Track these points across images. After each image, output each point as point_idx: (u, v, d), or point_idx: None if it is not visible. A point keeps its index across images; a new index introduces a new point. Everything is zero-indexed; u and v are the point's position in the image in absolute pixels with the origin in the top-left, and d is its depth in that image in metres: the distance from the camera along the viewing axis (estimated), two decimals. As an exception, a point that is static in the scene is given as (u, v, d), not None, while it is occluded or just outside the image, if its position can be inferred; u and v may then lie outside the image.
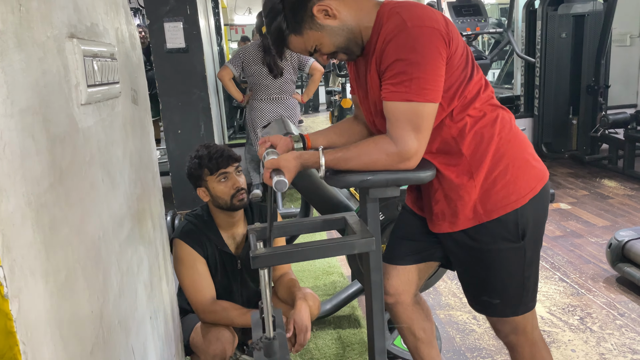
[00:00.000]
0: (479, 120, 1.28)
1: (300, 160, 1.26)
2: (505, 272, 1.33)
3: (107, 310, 1.01)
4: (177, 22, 3.74)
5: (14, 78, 0.71)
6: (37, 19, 0.81)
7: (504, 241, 1.30)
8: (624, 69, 5.59)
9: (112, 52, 1.19)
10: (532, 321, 1.41)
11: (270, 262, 1.27)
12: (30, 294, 0.70)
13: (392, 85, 1.19)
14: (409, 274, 1.49)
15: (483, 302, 1.39)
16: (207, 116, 4.01)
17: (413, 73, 1.16)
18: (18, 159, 0.70)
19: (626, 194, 4.16)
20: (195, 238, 1.85)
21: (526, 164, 1.30)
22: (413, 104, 1.18)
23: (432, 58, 1.17)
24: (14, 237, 0.67)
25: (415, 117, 1.19)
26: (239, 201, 1.84)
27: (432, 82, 1.18)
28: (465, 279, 1.43)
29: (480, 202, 1.28)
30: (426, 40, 1.16)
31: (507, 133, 1.30)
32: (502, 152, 1.28)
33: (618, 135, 4.78)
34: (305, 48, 1.30)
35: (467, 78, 1.26)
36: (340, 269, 3.05)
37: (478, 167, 1.27)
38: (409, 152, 1.20)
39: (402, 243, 1.50)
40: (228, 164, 1.84)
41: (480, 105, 1.28)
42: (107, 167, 1.10)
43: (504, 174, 1.28)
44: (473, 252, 1.34)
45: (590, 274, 2.82)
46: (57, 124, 0.85)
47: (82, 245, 0.91)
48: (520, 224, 1.29)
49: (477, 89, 1.28)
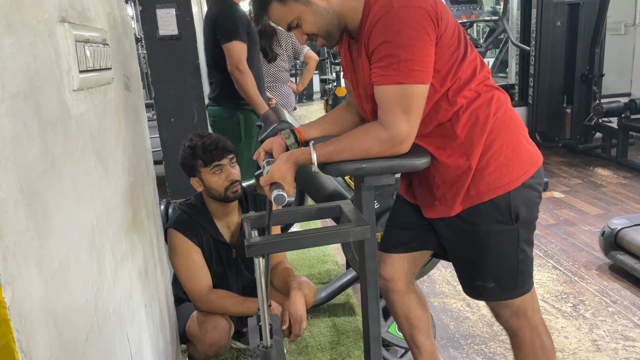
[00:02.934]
0: (473, 100, 1.26)
1: (292, 160, 1.24)
2: (499, 254, 1.33)
3: (102, 298, 1.01)
4: (169, 9, 3.68)
5: (4, 63, 0.69)
6: (27, 3, 0.79)
7: (497, 223, 1.29)
8: (618, 58, 5.59)
9: (104, 37, 1.17)
10: (532, 304, 1.41)
11: (265, 251, 1.27)
12: (24, 281, 0.69)
13: (381, 69, 1.18)
14: (403, 262, 1.49)
15: (477, 288, 1.38)
16: (201, 104, 3.97)
17: (401, 55, 1.14)
18: (9, 145, 0.69)
19: (619, 182, 4.18)
20: (189, 228, 1.84)
21: (520, 146, 1.29)
22: (403, 86, 1.16)
23: (420, 39, 1.15)
24: (7, 224, 0.66)
25: (406, 99, 1.17)
26: (233, 193, 1.83)
27: (421, 63, 1.16)
28: (459, 264, 1.43)
29: (473, 184, 1.27)
30: (413, 20, 1.14)
31: (503, 114, 1.29)
32: (496, 133, 1.27)
33: (612, 124, 4.80)
34: (285, 20, 1.26)
35: (460, 58, 1.24)
36: (335, 257, 3.05)
37: (474, 149, 1.26)
38: (401, 135, 1.19)
39: (396, 232, 1.50)
40: (222, 156, 1.83)
41: (475, 86, 1.27)
42: (100, 155, 1.09)
43: (498, 156, 1.27)
44: (466, 235, 1.34)
45: (583, 262, 2.84)
46: (49, 110, 0.84)
47: (75, 232, 0.91)
48: (513, 206, 1.28)
49: (472, 69, 1.26)
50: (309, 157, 1.23)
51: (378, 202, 2.01)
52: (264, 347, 1.28)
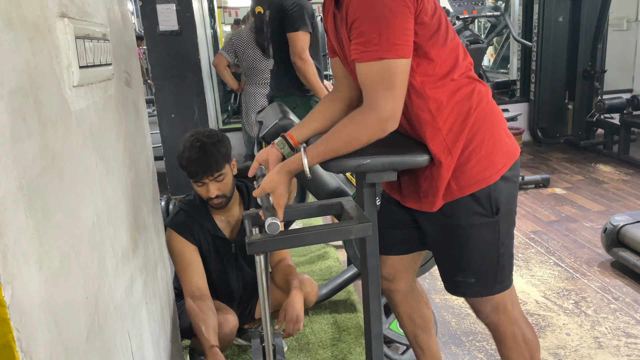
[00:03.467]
0: (455, 93, 1.24)
1: (285, 170, 1.23)
2: (480, 248, 1.31)
3: (103, 296, 1.00)
4: (170, 4, 3.68)
5: (4, 59, 0.69)
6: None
7: (477, 216, 1.28)
8: (620, 54, 5.57)
9: (105, 32, 1.16)
10: (511, 298, 1.40)
11: (266, 248, 1.27)
12: (24, 280, 0.68)
13: (361, 45, 1.15)
14: (402, 261, 1.48)
15: (458, 283, 1.37)
16: (202, 100, 3.97)
17: (381, 29, 1.11)
18: (9, 142, 0.68)
19: (621, 178, 4.17)
20: (185, 226, 1.84)
21: (500, 139, 1.28)
22: (385, 61, 1.13)
23: (400, 12, 1.12)
24: (6, 222, 0.65)
25: (389, 75, 1.14)
26: (214, 205, 1.83)
27: (402, 36, 1.13)
28: (441, 259, 1.41)
29: (454, 178, 1.26)
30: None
31: (484, 107, 1.27)
32: (477, 126, 1.25)
33: (614, 120, 4.78)
34: None
35: (442, 42, 1.21)
36: (336, 253, 3.05)
37: (455, 142, 1.24)
38: (385, 113, 1.16)
39: (388, 232, 1.48)
40: (200, 179, 1.78)
41: (457, 76, 1.24)
42: (100, 151, 1.08)
43: (479, 149, 1.25)
44: (448, 229, 1.32)
45: (585, 259, 2.84)
46: (49, 106, 0.83)
47: (76, 230, 0.90)
48: (493, 199, 1.26)
49: (453, 57, 1.24)
50: (301, 163, 1.21)
51: (379, 199, 2.00)
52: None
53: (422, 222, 1.39)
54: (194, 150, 1.77)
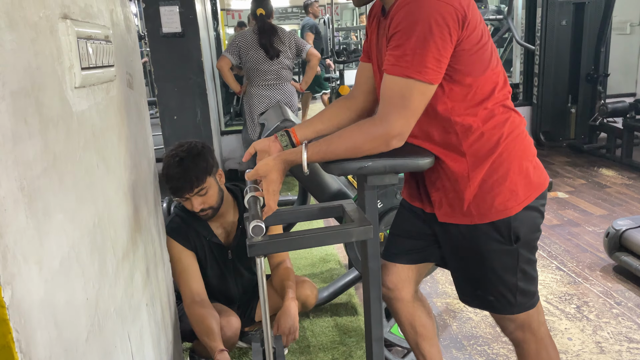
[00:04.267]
0: (487, 121, 1.22)
1: (282, 157, 1.22)
2: (497, 272, 1.30)
3: (103, 297, 1.00)
4: (173, 6, 3.68)
5: (6, 59, 0.69)
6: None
7: (496, 243, 1.27)
8: (623, 58, 5.56)
9: (107, 34, 1.16)
10: (537, 317, 1.38)
11: (266, 250, 1.26)
12: (24, 280, 0.68)
13: (394, 58, 1.14)
14: (408, 271, 1.47)
15: (479, 297, 1.36)
16: (204, 102, 3.97)
17: (417, 47, 1.10)
18: (10, 142, 0.68)
19: (624, 183, 4.16)
20: (181, 232, 1.84)
21: (526, 172, 1.26)
22: (411, 81, 1.12)
23: (441, 36, 1.10)
24: (6, 222, 0.65)
25: (410, 94, 1.13)
26: (202, 217, 1.83)
27: (435, 61, 1.11)
28: (458, 274, 1.40)
29: (475, 205, 1.24)
30: (439, 15, 1.09)
31: (514, 138, 1.25)
32: (504, 156, 1.23)
33: (617, 124, 4.77)
34: None
35: (481, 70, 1.20)
36: (337, 256, 3.04)
37: (476, 168, 1.23)
38: (394, 130, 1.15)
39: (400, 240, 1.47)
40: (181, 196, 1.78)
41: (492, 105, 1.22)
42: (102, 153, 1.08)
43: (503, 180, 1.23)
44: (465, 250, 1.32)
45: (588, 263, 2.83)
46: (50, 107, 0.83)
47: (76, 231, 0.90)
48: (513, 227, 1.25)
49: (491, 86, 1.22)
50: (300, 156, 1.20)
51: (381, 202, 2.00)
52: None
53: (440, 237, 1.38)
54: (172, 167, 1.74)
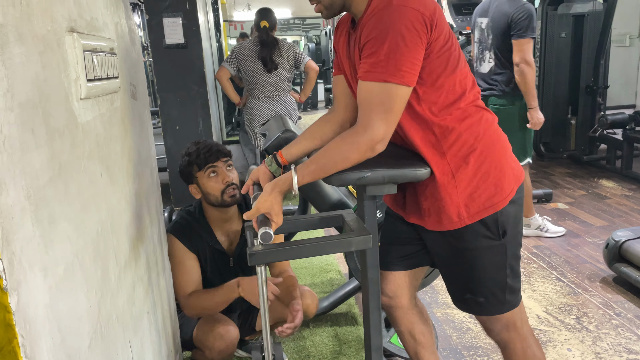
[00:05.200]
0: (462, 120, 1.26)
1: (277, 190, 1.24)
2: (488, 270, 1.33)
3: (105, 305, 1.02)
4: (176, 18, 3.73)
5: (15, 72, 0.71)
6: (37, 13, 0.81)
7: (485, 239, 1.30)
8: (623, 70, 5.60)
9: (112, 46, 1.19)
10: (521, 315, 1.42)
11: (267, 259, 1.28)
12: (29, 287, 0.70)
13: (368, 65, 1.17)
14: (403, 278, 1.49)
15: (467, 301, 1.39)
16: (206, 112, 4.00)
17: (390, 52, 1.14)
18: (18, 152, 0.70)
19: (624, 194, 4.17)
20: (185, 233, 1.85)
21: (507, 166, 1.31)
22: (387, 85, 1.16)
23: (411, 40, 1.14)
24: (13, 230, 0.67)
25: (388, 99, 1.17)
26: (230, 197, 1.83)
27: (409, 64, 1.15)
28: (449, 278, 1.43)
29: (465, 207, 1.28)
30: (407, 20, 1.14)
31: (490, 136, 1.30)
32: (484, 155, 1.27)
33: (616, 135, 4.79)
34: None
35: (450, 71, 1.24)
36: (337, 266, 3.05)
37: (458, 167, 1.26)
38: (378, 135, 1.18)
39: (391, 248, 1.50)
40: (217, 158, 1.83)
41: (465, 105, 1.27)
42: (105, 162, 1.10)
43: (486, 177, 1.27)
44: (455, 250, 1.34)
45: (587, 274, 2.83)
46: (57, 118, 0.85)
47: (80, 239, 0.92)
48: (500, 222, 1.29)
49: (462, 87, 1.26)
50: (291, 182, 1.23)
51: (381, 212, 2.01)
52: None
53: (428, 241, 1.41)
54: (199, 143, 1.86)
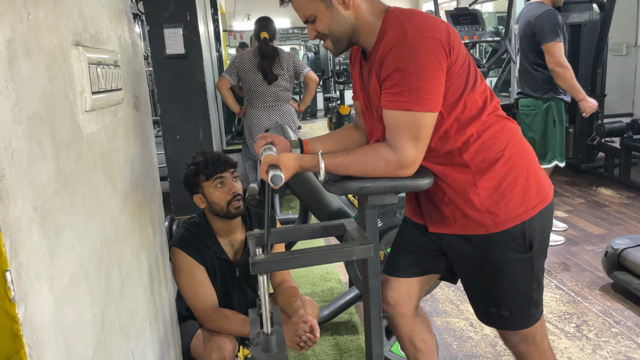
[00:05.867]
0: (484, 131, 1.28)
1: (300, 162, 1.27)
2: (514, 283, 1.33)
3: (109, 314, 1.02)
4: (176, 29, 3.76)
5: (22, 85, 0.72)
6: (44, 28, 0.83)
7: (512, 252, 1.30)
8: (620, 78, 5.63)
9: (116, 59, 1.20)
10: (541, 330, 1.41)
11: (269, 268, 1.28)
12: (36, 297, 0.71)
13: (391, 95, 1.21)
14: (410, 286, 1.49)
15: (492, 315, 1.39)
16: (206, 122, 4.02)
17: (412, 83, 1.18)
18: (25, 165, 0.71)
19: (622, 202, 4.19)
20: (193, 246, 1.86)
21: (535, 176, 1.32)
22: (412, 113, 1.19)
23: (432, 68, 1.18)
24: (21, 241, 0.68)
25: (414, 126, 1.20)
26: (235, 209, 1.85)
27: (432, 92, 1.19)
28: (473, 290, 1.43)
29: (490, 213, 1.29)
30: (426, 50, 1.18)
31: (515, 144, 1.31)
32: (511, 162, 1.29)
33: (614, 144, 4.82)
34: (305, 11, 1.28)
35: (470, 88, 1.27)
36: (337, 275, 3.06)
37: (482, 175, 1.28)
38: (407, 160, 1.22)
39: (404, 255, 1.50)
40: (224, 169, 1.85)
41: (486, 117, 1.29)
42: (109, 173, 1.11)
43: (513, 186, 1.28)
44: (480, 263, 1.34)
45: (587, 282, 2.84)
46: (63, 130, 0.86)
47: (85, 249, 0.93)
48: (527, 235, 1.29)
49: (482, 101, 1.29)
50: (317, 164, 1.25)
51: (381, 221, 2.02)
52: (264, 334, 1.29)
53: (450, 250, 1.41)
54: (206, 153, 1.88)
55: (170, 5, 3.74)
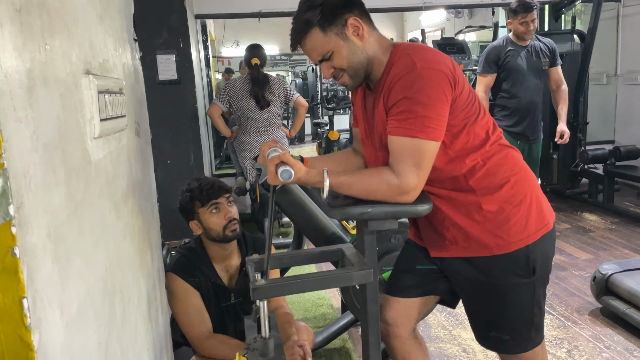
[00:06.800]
0: (488, 159, 1.33)
1: (307, 177, 1.28)
2: (515, 307, 1.36)
3: (112, 342, 1.02)
4: (169, 55, 3.80)
5: (40, 114, 0.74)
6: (59, 57, 0.84)
7: (515, 276, 1.33)
8: (601, 107, 5.78)
9: (120, 86, 1.22)
10: (542, 355, 1.43)
11: (270, 294, 1.29)
12: (49, 325, 0.71)
13: (397, 122, 1.25)
14: (409, 307, 1.50)
15: (492, 338, 1.41)
16: (197, 146, 4.03)
17: (418, 112, 1.22)
18: (41, 191, 0.72)
19: (607, 227, 4.26)
20: (188, 271, 1.85)
21: (537, 201, 1.36)
22: (416, 140, 1.23)
23: (438, 99, 1.23)
24: (36, 268, 0.68)
25: (417, 153, 1.24)
26: (232, 232, 1.85)
27: (436, 121, 1.23)
28: (474, 313, 1.45)
29: (493, 235, 1.32)
30: (433, 82, 1.23)
31: (519, 170, 1.36)
32: (516, 188, 1.33)
33: (597, 170, 4.92)
34: (320, 49, 1.31)
35: (473, 120, 1.32)
36: (329, 300, 3.05)
37: (486, 196, 1.31)
38: (409, 186, 1.24)
39: (405, 276, 1.52)
40: (219, 195, 1.86)
41: (489, 146, 1.34)
42: (113, 199, 1.12)
43: (517, 210, 1.32)
44: (483, 286, 1.37)
45: (576, 307, 2.87)
46: (74, 157, 0.87)
47: (91, 276, 0.93)
48: (530, 259, 1.32)
49: (484, 132, 1.34)
50: (322, 180, 1.27)
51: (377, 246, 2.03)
52: (262, 338, 1.28)
53: (452, 275, 1.43)
54: (201, 180, 1.89)
55: (163, 32, 3.78)
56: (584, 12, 5.60)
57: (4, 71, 0.63)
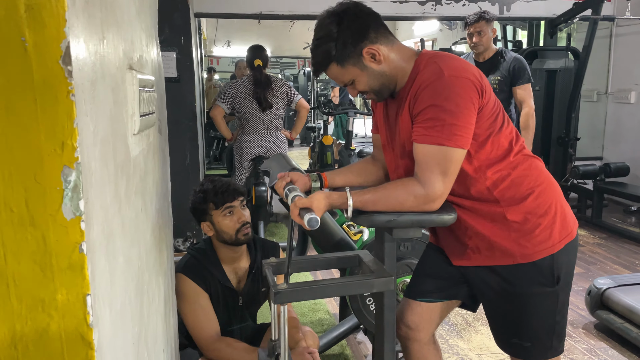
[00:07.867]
0: (513, 170, 1.34)
1: (329, 200, 1.28)
2: (538, 316, 1.37)
3: (142, 341, 1.00)
4: (170, 52, 3.76)
5: (99, 108, 0.73)
6: (111, 50, 0.83)
7: (538, 285, 1.34)
8: (590, 123, 5.90)
9: (152, 83, 1.21)
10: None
11: (292, 298, 1.29)
12: (103, 322, 0.70)
13: (424, 129, 1.25)
14: (431, 311, 1.51)
15: (514, 345, 1.42)
16: (194, 146, 3.99)
17: (446, 119, 1.22)
18: (98, 187, 0.71)
19: (596, 242, 4.33)
20: (198, 273, 1.83)
21: (562, 210, 1.37)
22: (444, 148, 1.23)
23: (466, 107, 1.23)
24: (96, 264, 0.67)
25: (444, 160, 1.24)
26: (244, 235, 1.84)
27: (464, 129, 1.24)
28: (495, 320, 1.46)
29: (518, 245, 1.33)
30: (461, 89, 1.23)
31: (544, 180, 1.37)
32: (541, 199, 1.34)
33: (587, 185, 5.01)
34: (342, 80, 1.36)
35: (497, 129, 1.33)
36: (326, 306, 3.04)
37: (511, 206, 1.32)
38: (435, 194, 1.25)
39: (427, 280, 1.53)
40: (234, 198, 1.85)
41: (513, 157, 1.35)
42: (144, 197, 1.11)
43: (542, 220, 1.33)
44: (506, 294, 1.38)
45: (570, 320, 2.90)
46: (120, 153, 0.86)
47: (128, 273, 0.91)
48: (555, 268, 1.34)
49: (508, 142, 1.35)
50: (345, 202, 1.27)
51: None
52: None
53: (475, 282, 1.44)
54: (215, 181, 1.86)
55: (165, 29, 3.74)
56: (577, 29, 5.71)
57: (79, 63, 0.62)
